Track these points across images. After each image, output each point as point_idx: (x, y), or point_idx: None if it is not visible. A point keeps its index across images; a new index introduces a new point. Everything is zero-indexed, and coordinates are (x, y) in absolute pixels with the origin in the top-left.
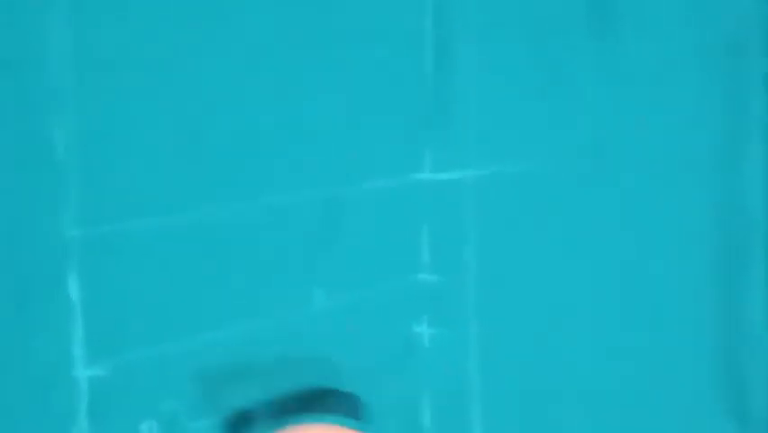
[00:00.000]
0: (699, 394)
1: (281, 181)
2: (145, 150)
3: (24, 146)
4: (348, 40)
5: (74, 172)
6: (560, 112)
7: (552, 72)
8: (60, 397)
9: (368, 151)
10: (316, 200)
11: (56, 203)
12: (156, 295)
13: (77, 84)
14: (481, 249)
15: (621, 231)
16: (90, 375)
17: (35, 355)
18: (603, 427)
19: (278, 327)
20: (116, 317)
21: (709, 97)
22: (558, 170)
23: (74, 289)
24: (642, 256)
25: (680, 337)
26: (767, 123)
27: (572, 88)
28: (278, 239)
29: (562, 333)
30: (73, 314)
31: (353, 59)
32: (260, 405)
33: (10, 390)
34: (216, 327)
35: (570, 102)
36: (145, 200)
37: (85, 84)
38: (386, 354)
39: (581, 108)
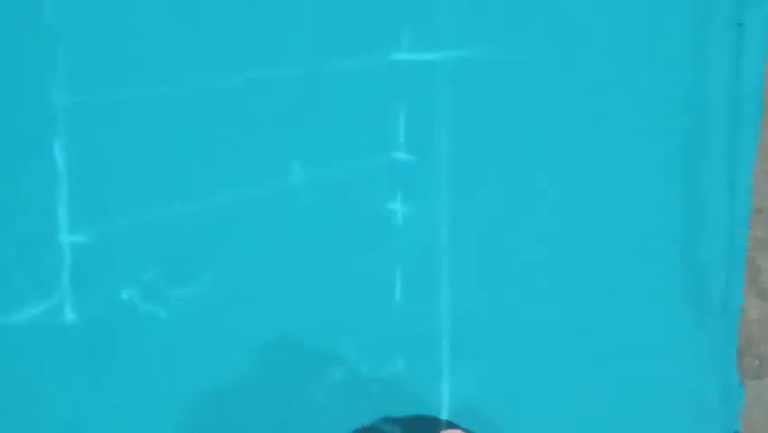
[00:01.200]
0: (659, 281)
1: (260, 56)
2: (134, 22)
3: (15, 11)
4: None
5: (64, 40)
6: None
7: None
8: (44, 261)
9: (347, 29)
10: (294, 76)
11: (45, 70)
12: (139, 165)
13: None
14: (455, 130)
15: (591, 117)
16: (73, 241)
17: (21, 219)
18: (566, 302)
19: (256, 199)
20: (100, 185)
21: None
22: (535, 56)
23: (60, 155)
24: (611, 141)
25: (642, 223)
26: (731, 5)
27: None
28: (256, 113)
29: (531, 211)
30: (59, 180)
31: None
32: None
33: None
34: (197, 198)
35: None
36: (132, 71)
37: None
38: (360, 229)
39: None
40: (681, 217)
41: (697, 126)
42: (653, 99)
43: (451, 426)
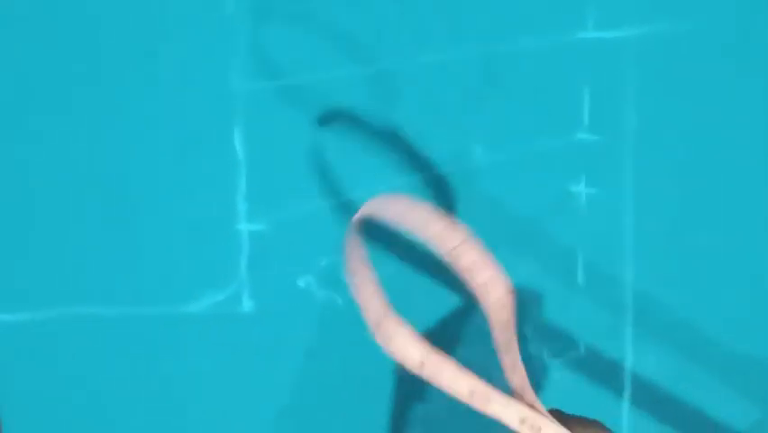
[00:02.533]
0: None
1: (440, 38)
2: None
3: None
4: None
5: (244, 27)
6: None
7: None
8: (223, 250)
9: (530, 6)
10: (476, 57)
11: (226, 57)
12: (316, 151)
13: None
14: (641, 109)
15: None
16: (251, 230)
17: (200, 208)
18: (752, 290)
19: (435, 183)
20: (278, 172)
21: None
22: (723, 29)
23: (239, 143)
24: None
25: None
26: None
27: None
28: (437, 95)
29: (718, 194)
30: (238, 168)
31: None
32: None
33: (177, 241)
34: (374, 184)
35: None
36: (311, 55)
37: None
38: (542, 212)
39: None
40: None
41: None
42: None
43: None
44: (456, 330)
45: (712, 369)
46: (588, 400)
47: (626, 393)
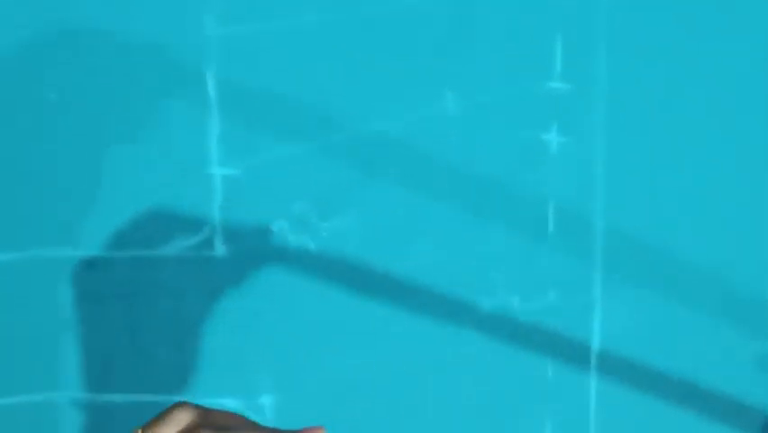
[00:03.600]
0: None
1: None
2: None
3: None
4: None
5: None
6: None
7: None
8: (195, 193)
9: None
10: (449, 3)
11: (200, 1)
12: (290, 96)
13: None
14: (613, 59)
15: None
16: (224, 174)
17: (173, 152)
18: (721, 235)
19: (407, 129)
20: (251, 117)
21: None
22: None
23: (212, 88)
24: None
25: None
26: None
27: None
28: (410, 41)
29: (688, 142)
30: (211, 113)
31: None
32: None
33: (149, 184)
34: (347, 128)
35: None
36: (286, 2)
37: None
38: (513, 160)
39: None
40: None
41: None
42: None
43: None
44: None
45: (680, 317)
46: (557, 346)
47: (595, 340)
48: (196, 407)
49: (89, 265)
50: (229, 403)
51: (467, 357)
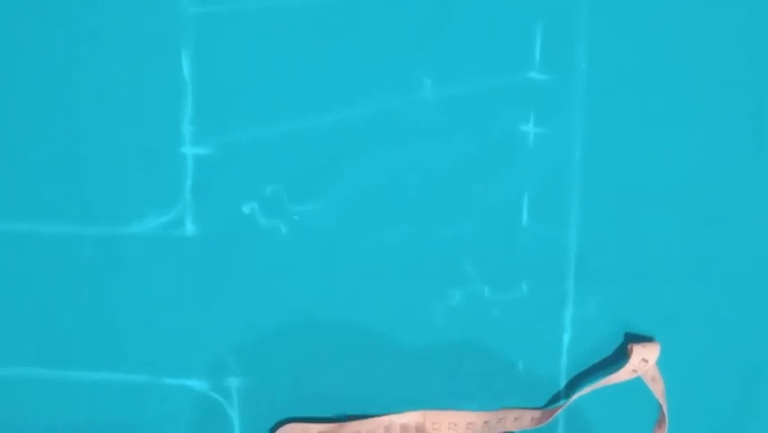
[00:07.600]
0: None
1: None
2: None
3: None
4: None
5: None
6: None
7: None
8: (167, 172)
9: None
10: None
11: None
12: (265, 77)
13: None
14: (593, 50)
15: (737, 41)
16: (196, 153)
17: (146, 130)
18: (699, 231)
19: (382, 115)
20: (225, 97)
21: None
22: None
23: (187, 66)
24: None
25: None
26: None
27: None
28: (387, 25)
29: (667, 135)
30: (184, 91)
31: None
32: None
33: (121, 161)
34: (322, 112)
35: None
36: None
37: None
38: (489, 150)
39: None
40: None
41: None
42: None
43: None
44: None
45: (652, 311)
46: (528, 340)
47: (566, 334)
48: None
49: (55, 241)
50: (195, 385)
51: (437, 347)
